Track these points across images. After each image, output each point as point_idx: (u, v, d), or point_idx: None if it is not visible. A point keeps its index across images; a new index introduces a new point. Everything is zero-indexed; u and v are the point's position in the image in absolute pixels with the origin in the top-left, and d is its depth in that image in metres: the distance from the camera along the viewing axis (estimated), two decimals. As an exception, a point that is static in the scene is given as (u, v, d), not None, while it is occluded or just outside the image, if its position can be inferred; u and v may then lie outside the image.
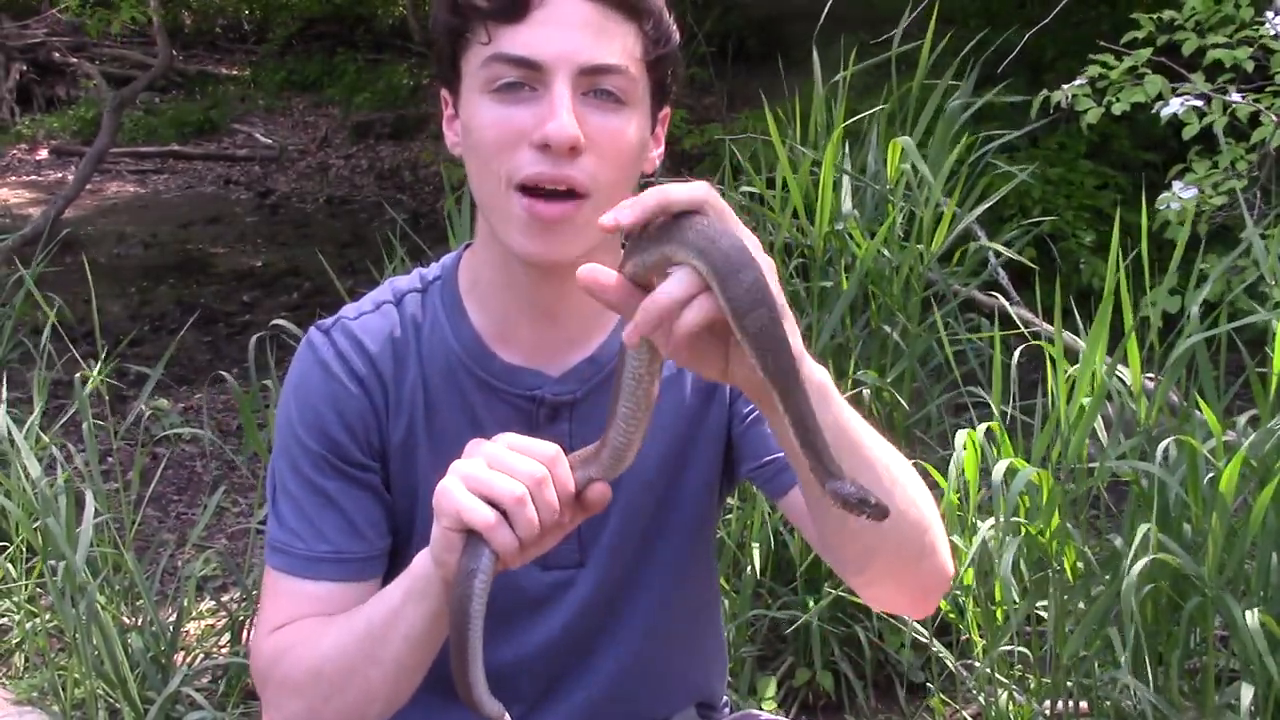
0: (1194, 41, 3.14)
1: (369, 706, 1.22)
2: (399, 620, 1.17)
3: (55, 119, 10.82)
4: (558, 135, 1.16)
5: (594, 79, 1.19)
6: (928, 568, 1.19)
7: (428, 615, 1.16)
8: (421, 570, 1.15)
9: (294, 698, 1.24)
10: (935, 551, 1.19)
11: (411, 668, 1.20)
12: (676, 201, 0.99)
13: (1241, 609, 2.06)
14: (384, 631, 1.18)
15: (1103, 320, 2.22)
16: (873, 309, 2.84)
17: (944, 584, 1.22)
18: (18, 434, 2.86)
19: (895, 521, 1.05)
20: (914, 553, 1.17)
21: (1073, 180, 4.93)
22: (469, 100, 1.23)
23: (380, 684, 1.20)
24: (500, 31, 1.19)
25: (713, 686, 1.48)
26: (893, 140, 2.84)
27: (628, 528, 1.33)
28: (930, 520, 1.18)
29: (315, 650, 1.23)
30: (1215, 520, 2.08)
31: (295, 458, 1.28)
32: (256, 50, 12.92)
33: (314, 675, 1.22)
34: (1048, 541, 2.25)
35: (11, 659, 2.98)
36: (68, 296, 3.92)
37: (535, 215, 1.19)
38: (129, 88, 8.06)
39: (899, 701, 2.71)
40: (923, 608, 1.27)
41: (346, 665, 1.20)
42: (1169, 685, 2.21)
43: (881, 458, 1.13)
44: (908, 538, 1.15)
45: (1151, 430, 2.31)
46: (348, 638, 1.21)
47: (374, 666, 1.19)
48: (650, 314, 0.98)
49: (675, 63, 1.28)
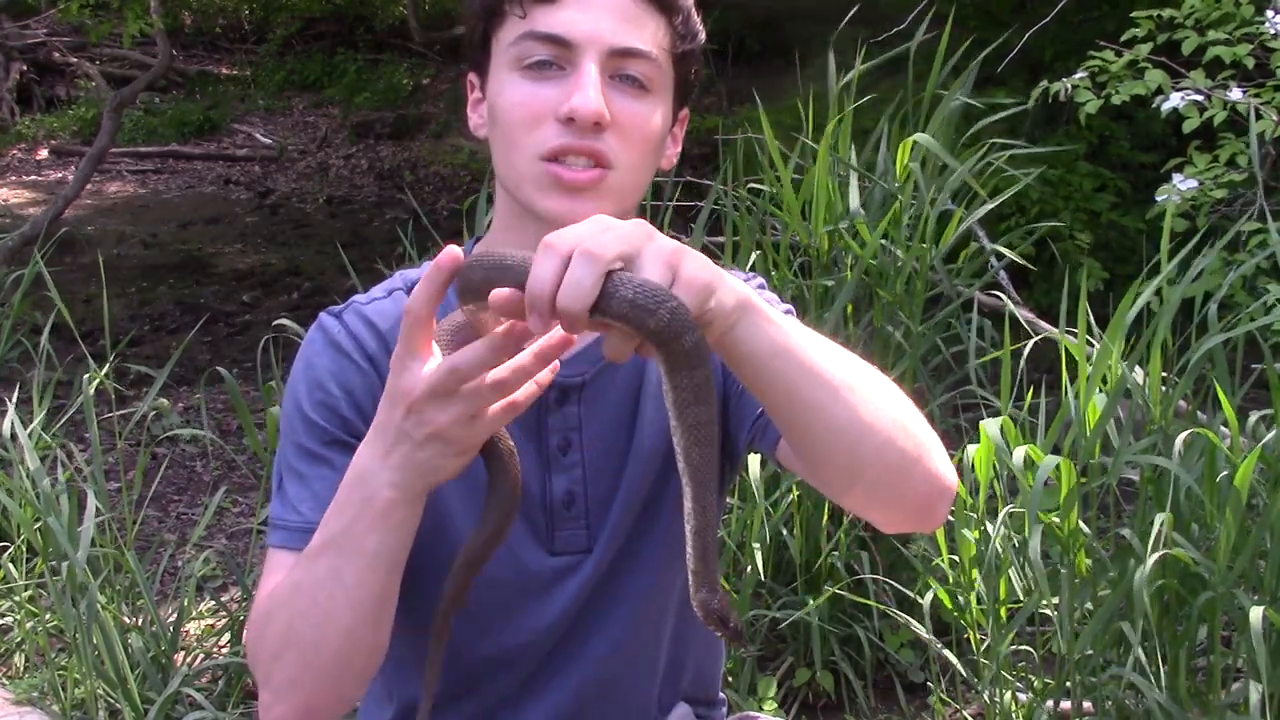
0: (1194, 40, 3.15)
1: (347, 648, 1.16)
2: (363, 555, 1.13)
3: (55, 119, 10.82)
4: (583, 108, 1.19)
5: (622, 62, 1.22)
6: (919, 476, 1.15)
7: (396, 540, 1.12)
8: (383, 502, 1.10)
9: (280, 667, 1.18)
10: (923, 459, 1.15)
11: (382, 592, 1.16)
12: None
13: (1253, 606, 2.06)
14: (349, 567, 1.13)
15: (1120, 320, 2.21)
16: (875, 308, 2.84)
17: (944, 494, 1.18)
18: (21, 432, 2.86)
19: (869, 433, 1.08)
20: (897, 462, 1.13)
21: (1071, 182, 4.93)
22: (498, 77, 1.25)
23: (351, 618, 1.15)
24: (535, 9, 1.22)
25: (708, 677, 1.47)
26: (904, 140, 2.84)
27: (630, 499, 1.32)
28: (913, 429, 1.14)
29: (291, 607, 1.17)
30: (1229, 515, 2.08)
31: (300, 435, 1.27)
32: (256, 50, 12.92)
33: (289, 633, 1.17)
34: (1066, 536, 2.25)
35: (11, 659, 2.98)
36: (67, 296, 3.93)
37: (561, 179, 1.21)
38: (129, 88, 8.06)
39: (899, 701, 2.71)
40: (927, 521, 1.22)
41: (318, 610, 1.15)
42: (1176, 683, 2.20)
43: (841, 374, 1.10)
44: (885, 448, 1.12)
45: (1166, 428, 2.31)
46: (309, 580, 1.16)
47: (343, 604, 1.14)
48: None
49: (698, 62, 1.31)
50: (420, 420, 1.05)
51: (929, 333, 2.81)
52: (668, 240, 1.00)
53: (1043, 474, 2.13)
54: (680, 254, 0.99)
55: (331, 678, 1.16)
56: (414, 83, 10.94)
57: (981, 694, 2.43)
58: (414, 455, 1.07)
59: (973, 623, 2.43)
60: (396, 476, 1.08)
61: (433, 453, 1.07)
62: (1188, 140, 3.18)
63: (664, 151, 1.30)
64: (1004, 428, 2.29)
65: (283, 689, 1.17)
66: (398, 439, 1.07)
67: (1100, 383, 2.25)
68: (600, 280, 0.94)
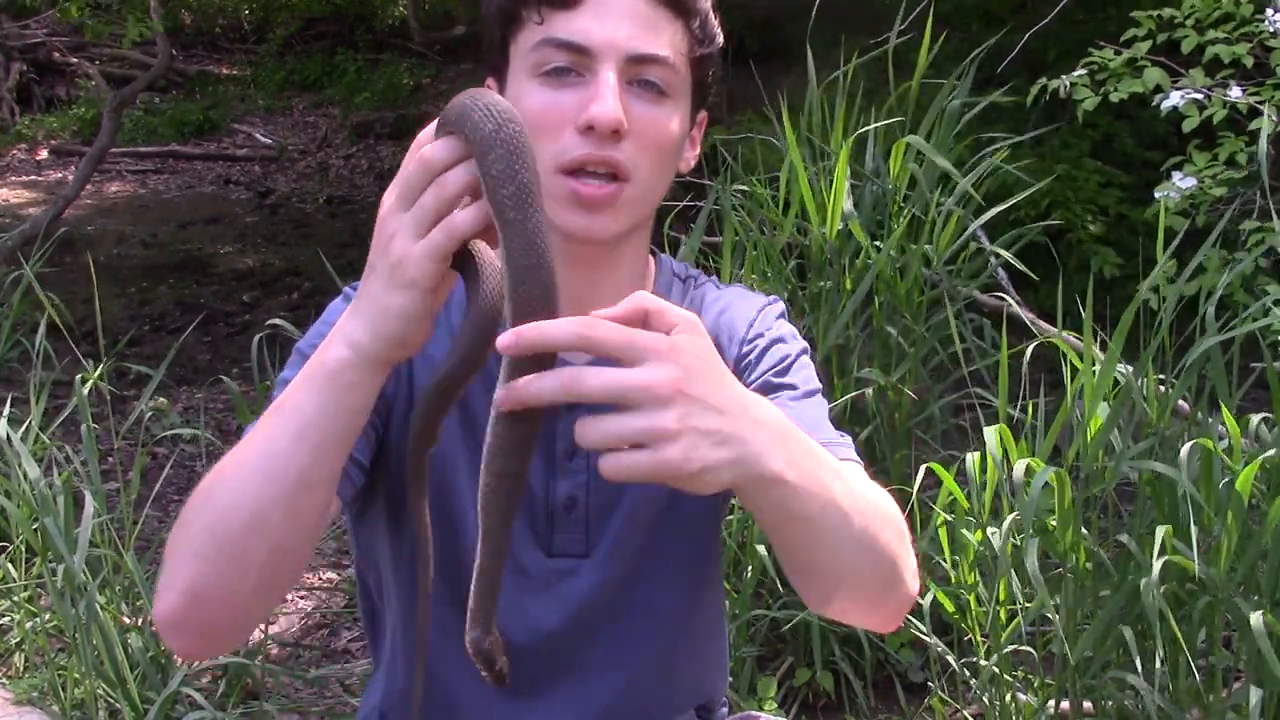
0: (1194, 39, 3.14)
1: (253, 524, 1.04)
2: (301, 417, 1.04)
3: (55, 119, 10.82)
4: (602, 116, 1.19)
5: (640, 69, 1.22)
6: (892, 596, 1.16)
7: (338, 409, 1.03)
8: (334, 361, 1.02)
9: (184, 539, 1.07)
10: (899, 583, 1.15)
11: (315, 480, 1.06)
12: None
13: (1252, 610, 2.06)
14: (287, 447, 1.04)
15: (1122, 330, 2.20)
16: (875, 309, 2.84)
17: (907, 604, 1.19)
18: (14, 434, 2.86)
19: (859, 562, 1.07)
20: (878, 587, 1.14)
21: (1078, 177, 4.94)
22: (516, 84, 1.25)
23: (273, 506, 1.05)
24: (553, 17, 1.22)
25: (713, 690, 1.48)
26: (898, 141, 2.84)
27: (637, 517, 1.32)
28: (894, 549, 1.14)
29: (216, 475, 1.07)
30: (1230, 520, 2.08)
31: (290, 370, 1.24)
32: (256, 50, 12.92)
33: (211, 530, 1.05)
34: (1065, 543, 2.25)
35: (11, 659, 2.98)
36: (67, 296, 3.92)
37: (579, 195, 1.21)
38: (129, 88, 8.07)
39: (899, 701, 2.71)
40: (886, 628, 1.25)
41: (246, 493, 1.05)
42: (1176, 686, 2.20)
43: (841, 502, 1.06)
44: (871, 572, 1.12)
45: (1164, 432, 2.30)
46: (243, 445, 1.08)
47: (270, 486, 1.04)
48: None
49: (716, 64, 1.31)
50: (380, 234, 1.00)
51: (931, 334, 2.81)
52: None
53: (1038, 485, 2.14)
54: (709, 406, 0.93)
55: (228, 558, 1.04)
56: (414, 83, 10.94)
57: (981, 695, 2.43)
58: (367, 288, 1.00)
59: (972, 624, 2.43)
60: (351, 328, 1.01)
61: (383, 281, 0.99)
62: (1190, 139, 3.17)
63: (682, 155, 1.31)
64: (1001, 434, 2.29)
65: (179, 566, 1.06)
66: (365, 277, 1.02)
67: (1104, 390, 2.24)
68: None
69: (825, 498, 1.03)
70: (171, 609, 1.06)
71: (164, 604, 1.07)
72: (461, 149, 0.97)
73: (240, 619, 1.10)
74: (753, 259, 2.85)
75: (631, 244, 1.31)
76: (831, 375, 2.76)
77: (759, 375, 1.32)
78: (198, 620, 1.07)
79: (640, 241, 1.33)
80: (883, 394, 2.77)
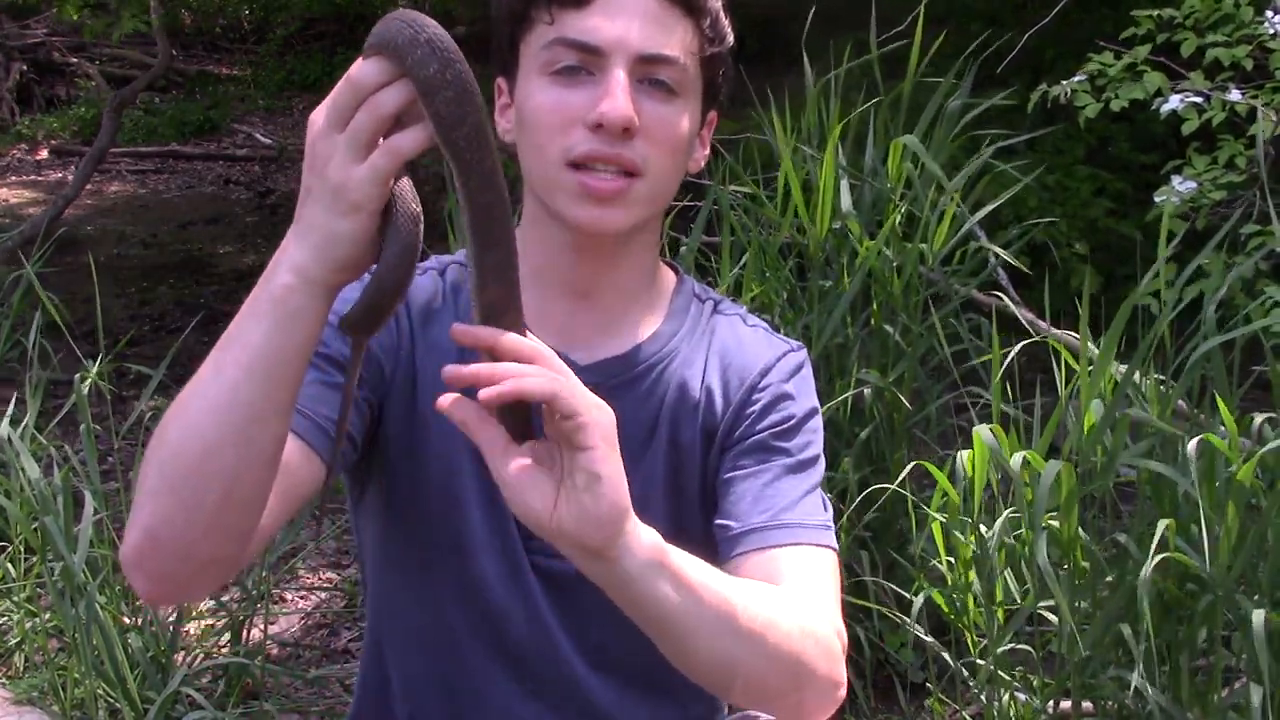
0: (1193, 41, 3.14)
1: (204, 464, 1.03)
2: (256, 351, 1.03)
3: (55, 119, 10.81)
4: (612, 114, 1.19)
5: (650, 68, 1.23)
6: (808, 697, 1.17)
7: (283, 337, 1.02)
8: (279, 288, 1.01)
9: (144, 478, 1.06)
10: (813, 681, 1.16)
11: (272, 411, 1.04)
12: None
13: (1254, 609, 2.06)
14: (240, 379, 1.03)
15: (1117, 327, 2.21)
16: (873, 308, 2.83)
17: (836, 702, 1.19)
18: (13, 433, 2.86)
19: (755, 662, 1.11)
20: (785, 687, 1.16)
21: (1068, 187, 4.92)
22: (526, 83, 1.26)
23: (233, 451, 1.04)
24: (563, 16, 1.23)
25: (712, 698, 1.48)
26: (895, 140, 2.84)
27: None
28: (803, 652, 1.15)
29: (172, 410, 1.06)
30: (1231, 516, 2.07)
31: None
32: (256, 50, 12.90)
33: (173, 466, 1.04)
34: (1066, 541, 2.24)
35: (11, 659, 2.98)
36: (67, 296, 3.92)
37: (588, 189, 1.22)
38: (129, 88, 8.05)
39: (899, 701, 2.71)
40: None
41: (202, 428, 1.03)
42: (1177, 685, 2.20)
43: (736, 602, 1.11)
44: (753, 679, 1.14)
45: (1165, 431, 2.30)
46: (195, 380, 1.06)
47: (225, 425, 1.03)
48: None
49: (727, 63, 1.32)
50: (314, 158, 1.00)
51: (928, 333, 2.81)
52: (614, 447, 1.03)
53: (1047, 479, 2.13)
54: (616, 461, 1.02)
55: (181, 495, 1.03)
56: (414, 83, 10.93)
57: (979, 695, 2.43)
58: (308, 214, 1.00)
59: (969, 624, 2.43)
60: (295, 254, 1.01)
61: (323, 206, 0.99)
62: (1187, 142, 3.17)
63: (692, 154, 1.31)
64: (995, 432, 2.29)
65: (138, 507, 1.06)
66: (301, 201, 1.02)
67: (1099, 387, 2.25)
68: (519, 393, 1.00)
69: (675, 601, 1.08)
70: (131, 547, 1.07)
71: (126, 543, 1.07)
72: (391, 69, 0.97)
73: (196, 563, 1.07)
74: (752, 258, 2.85)
75: (639, 241, 1.31)
76: (832, 375, 2.76)
77: (757, 432, 1.31)
78: (155, 561, 1.07)
79: (649, 241, 1.33)
80: (880, 394, 2.76)
